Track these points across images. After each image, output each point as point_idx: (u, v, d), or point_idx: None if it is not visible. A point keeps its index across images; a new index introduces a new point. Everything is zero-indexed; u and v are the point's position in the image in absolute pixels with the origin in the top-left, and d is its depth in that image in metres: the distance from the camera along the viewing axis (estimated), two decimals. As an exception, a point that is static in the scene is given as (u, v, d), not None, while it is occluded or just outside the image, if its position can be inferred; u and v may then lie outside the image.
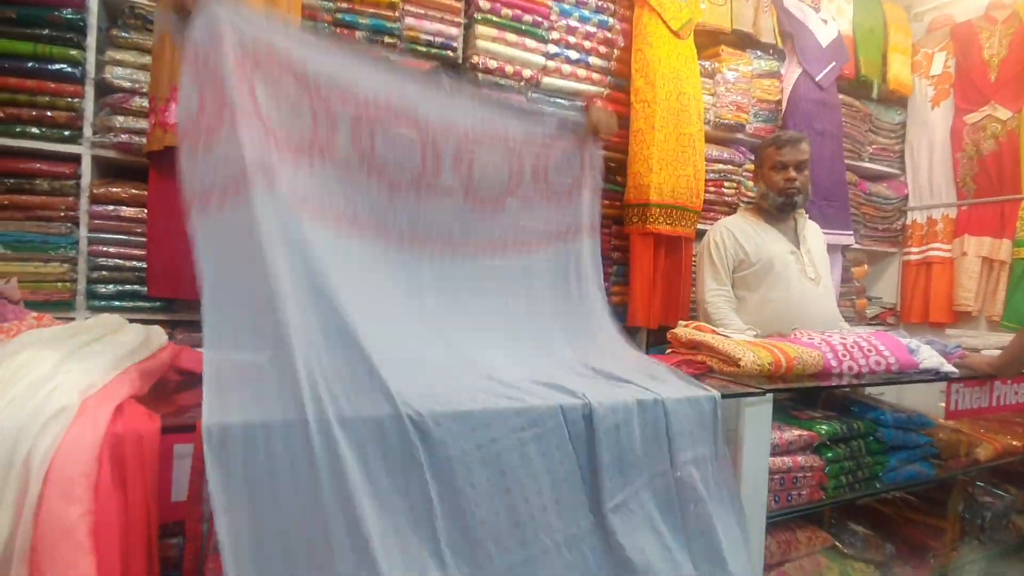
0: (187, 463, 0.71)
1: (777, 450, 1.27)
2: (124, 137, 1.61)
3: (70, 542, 0.61)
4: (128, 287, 1.64)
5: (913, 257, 3.27)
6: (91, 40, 1.60)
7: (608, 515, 0.90)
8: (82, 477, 0.63)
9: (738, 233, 1.96)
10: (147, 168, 1.60)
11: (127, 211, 1.63)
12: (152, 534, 0.69)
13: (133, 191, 1.64)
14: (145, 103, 1.61)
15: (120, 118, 1.62)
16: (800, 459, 1.31)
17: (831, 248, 2.78)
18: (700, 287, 2.01)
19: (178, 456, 0.73)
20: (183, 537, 0.72)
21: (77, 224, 1.61)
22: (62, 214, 1.60)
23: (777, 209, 1.97)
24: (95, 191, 1.61)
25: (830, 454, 1.36)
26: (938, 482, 1.62)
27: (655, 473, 0.98)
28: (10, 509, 0.60)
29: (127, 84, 1.62)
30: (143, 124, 1.61)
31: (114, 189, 1.63)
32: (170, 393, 0.89)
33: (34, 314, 1.03)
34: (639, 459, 0.96)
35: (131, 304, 1.64)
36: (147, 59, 1.63)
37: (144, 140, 1.59)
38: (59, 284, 1.58)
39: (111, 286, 1.63)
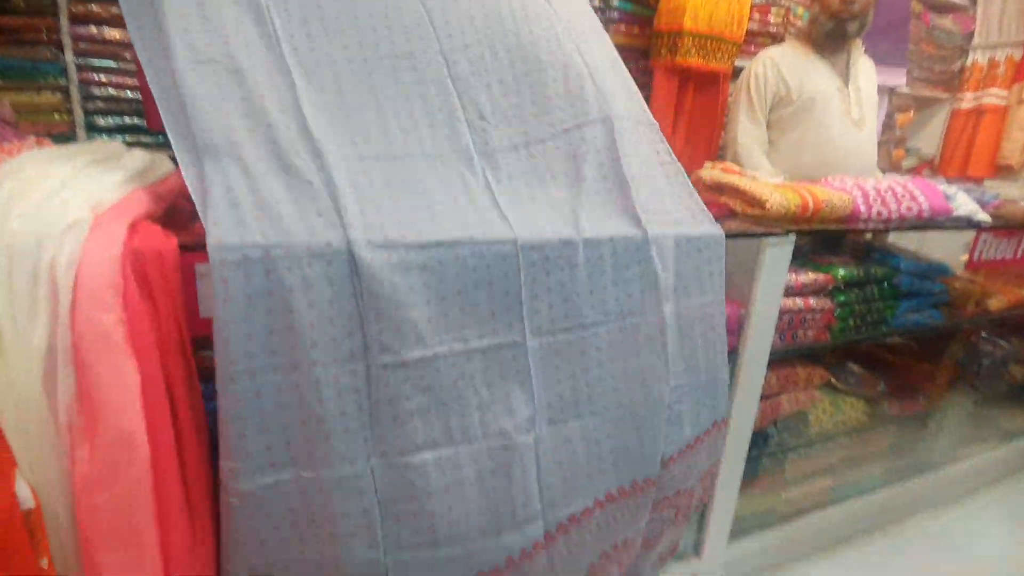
0: (210, 282, 0.72)
1: (790, 291, 1.28)
2: (93, -59, 1.43)
3: (109, 345, 0.64)
4: (127, 120, 1.58)
5: (965, 104, 3.01)
6: None
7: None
8: (109, 288, 0.64)
9: (783, 65, 1.77)
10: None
11: (111, 32, 1.50)
12: (186, 345, 0.73)
13: (115, 10, 1.50)
14: None
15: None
16: (812, 301, 1.32)
17: (878, 91, 2.55)
18: (733, 126, 1.87)
19: (200, 275, 0.74)
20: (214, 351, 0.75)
21: (61, 49, 1.50)
22: (44, 36, 1.48)
23: (829, 37, 1.76)
24: (73, 9, 1.47)
25: (842, 297, 1.37)
26: (943, 330, 1.66)
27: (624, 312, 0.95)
28: (45, 314, 0.63)
29: None
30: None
31: (94, 7, 1.48)
32: (184, 219, 0.88)
33: (34, 136, 0.99)
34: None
35: (132, 139, 1.59)
36: None
37: (115, -55, 1.41)
38: (56, 116, 1.52)
39: (110, 118, 1.56)
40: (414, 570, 0.82)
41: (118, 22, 1.50)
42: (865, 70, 1.86)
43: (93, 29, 1.50)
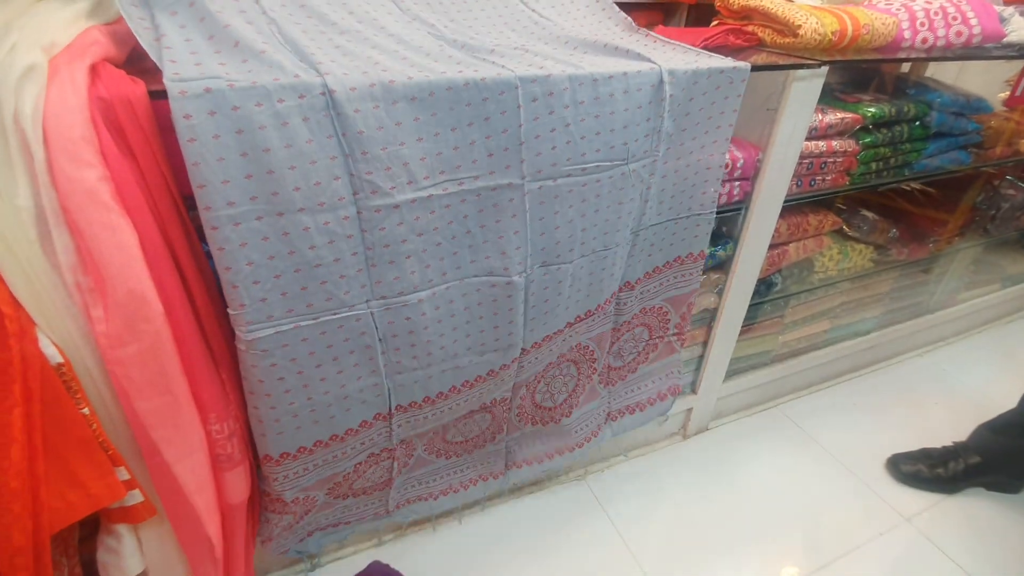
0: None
1: (814, 134, 1.20)
2: None
3: (97, 204, 0.61)
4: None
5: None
6: None
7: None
8: (83, 141, 0.60)
9: None
10: None
11: None
12: (178, 201, 0.70)
13: None
14: None
15: None
16: (835, 144, 1.24)
17: None
18: None
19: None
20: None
21: None
22: None
23: None
24: None
25: (868, 139, 1.28)
26: (967, 173, 1.58)
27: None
28: (24, 172, 0.59)
29: None
30: None
31: None
32: (150, 66, 0.80)
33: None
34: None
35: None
36: None
37: None
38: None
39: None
40: (410, 386, 0.92)
41: None
42: None
43: None
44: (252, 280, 0.72)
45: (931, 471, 1.42)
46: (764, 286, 1.43)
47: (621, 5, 1.34)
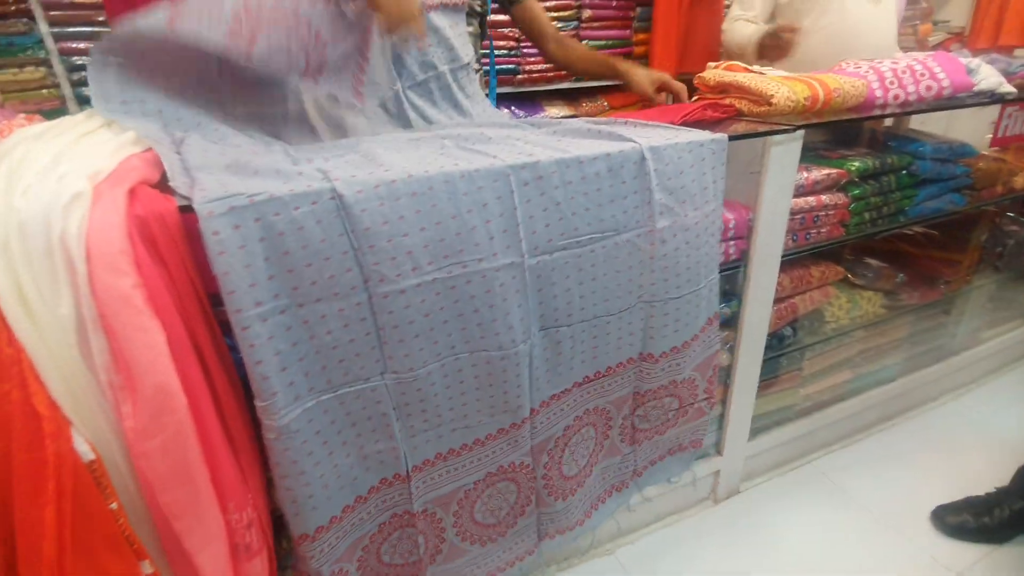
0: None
1: (801, 190, 1.25)
2: None
3: (131, 308, 0.67)
4: (115, 85, 1.55)
5: (1000, -39, 2.74)
6: None
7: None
8: (121, 254, 0.67)
9: None
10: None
11: (80, -7, 1.45)
12: (204, 301, 0.76)
13: (78, -32, 1.44)
14: None
15: None
16: (824, 198, 1.29)
17: (900, -42, 2.33)
18: (736, 27, 1.73)
19: (205, 233, 0.76)
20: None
21: (33, 19, 1.46)
22: (12, 8, 1.44)
23: None
24: (36, -28, 1.42)
25: (857, 191, 1.33)
26: (965, 215, 1.61)
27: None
28: (67, 284, 0.66)
29: None
30: None
31: (56, -32, 1.43)
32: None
33: (23, 114, 0.99)
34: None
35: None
36: None
37: None
38: (44, 91, 1.51)
39: (98, 85, 1.54)
40: (423, 447, 0.96)
41: (84, -18, 1.45)
42: None
43: (60, -8, 1.45)
44: (280, 368, 0.77)
45: (977, 520, 1.34)
46: (776, 340, 1.43)
47: (610, 86, 1.46)
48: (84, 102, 1.55)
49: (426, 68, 1.19)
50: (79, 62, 1.52)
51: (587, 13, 2.00)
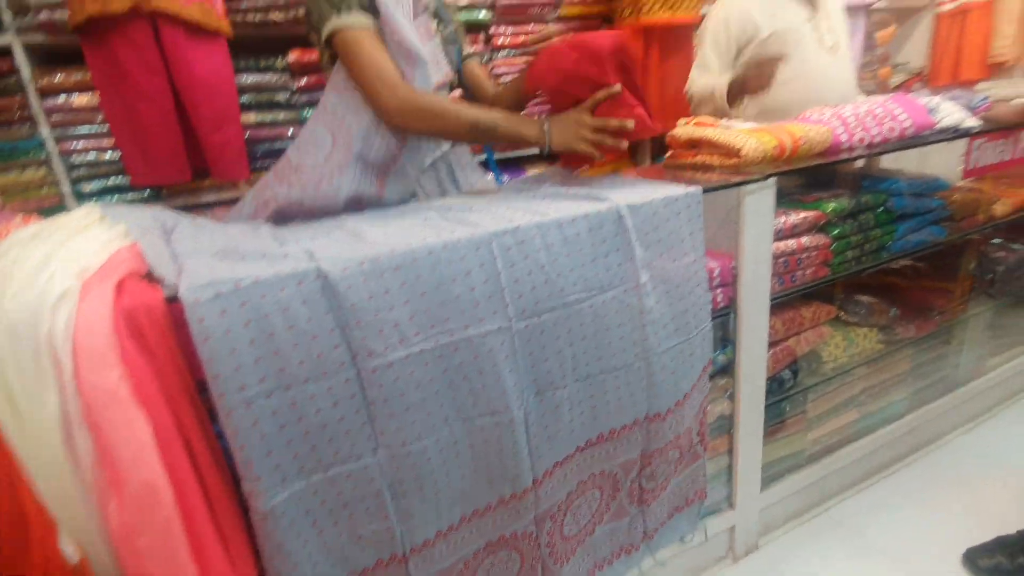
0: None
1: (781, 234, 1.27)
2: (45, 15, 1.45)
3: (116, 402, 0.67)
4: (112, 181, 1.61)
5: (948, 6, 2.91)
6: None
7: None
8: (107, 349, 0.67)
9: (748, 4, 1.71)
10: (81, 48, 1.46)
11: (80, 99, 1.53)
12: (192, 389, 0.76)
13: (77, 76, 1.52)
14: (53, -32, 1.42)
15: (33, -9, 1.44)
16: (805, 240, 1.31)
17: (854, 10, 2.48)
18: (701, 77, 1.78)
19: (193, 320, 0.77)
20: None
21: (35, 123, 1.54)
22: (17, 115, 1.52)
23: None
24: (39, 83, 1.50)
25: (836, 231, 1.35)
26: (951, 245, 1.63)
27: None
28: (53, 384, 0.66)
29: (22, -54, 1.41)
30: (60, -7, 1.44)
31: (57, 78, 1.51)
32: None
33: (21, 215, 1.03)
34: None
35: (120, 198, 1.62)
36: (33, -92, 1.39)
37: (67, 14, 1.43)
38: (43, 190, 1.56)
39: (95, 183, 1.60)
40: (421, 527, 0.91)
41: (84, 87, 1.54)
42: None
43: (62, 99, 1.53)
44: (265, 452, 0.76)
45: (1012, 562, 1.28)
46: (776, 384, 1.42)
47: None
48: (82, 197, 1.61)
49: (432, 152, 1.25)
50: (77, 161, 1.59)
51: (562, 81, 2.10)
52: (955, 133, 1.47)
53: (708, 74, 1.76)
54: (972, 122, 1.49)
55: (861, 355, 1.56)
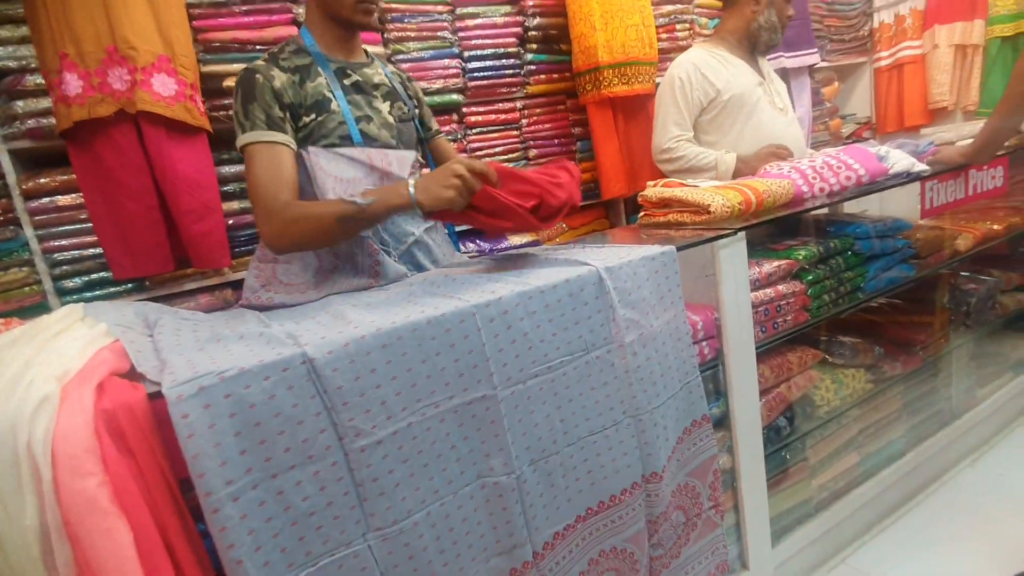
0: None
1: (758, 284, 1.31)
2: (32, 123, 1.51)
3: (96, 510, 0.64)
4: (95, 276, 1.62)
5: (884, 62, 3.15)
6: (-45, 22, 1.45)
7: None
8: (87, 453, 0.65)
9: (705, 68, 1.82)
10: (67, 150, 1.51)
11: (64, 199, 1.56)
12: (175, 489, 0.74)
13: (61, 178, 1.56)
14: (39, 80, 1.48)
15: (20, 103, 1.50)
16: (781, 288, 1.35)
17: (798, 71, 2.67)
18: (659, 134, 1.86)
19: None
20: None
21: (19, 225, 1.55)
22: (1, 218, 1.54)
23: (762, 43, 1.86)
24: (24, 187, 1.53)
25: (810, 276, 1.39)
26: (919, 280, 1.68)
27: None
28: (32, 494, 0.64)
29: (13, 64, 1.49)
30: (46, 103, 1.50)
31: (42, 180, 1.55)
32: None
33: (1, 320, 1.02)
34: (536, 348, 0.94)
35: (102, 292, 1.62)
36: (25, 30, 1.48)
37: (54, 121, 1.49)
38: (26, 289, 1.56)
39: (77, 279, 1.60)
40: None
41: (69, 188, 1.57)
42: (765, 63, 1.98)
43: (46, 200, 1.56)
44: (254, 548, 0.72)
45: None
46: (773, 432, 1.41)
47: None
48: (64, 294, 1.61)
49: (406, 236, 1.27)
50: (60, 258, 1.59)
51: (533, 152, 2.21)
52: (907, 178, 1.56)
53: (685, 133, 1.84)
54: (921, 166, 1.58)
55: (853, 396, 1.56)
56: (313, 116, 1.15)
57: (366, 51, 1.33)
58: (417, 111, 1.38)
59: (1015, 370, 2.04)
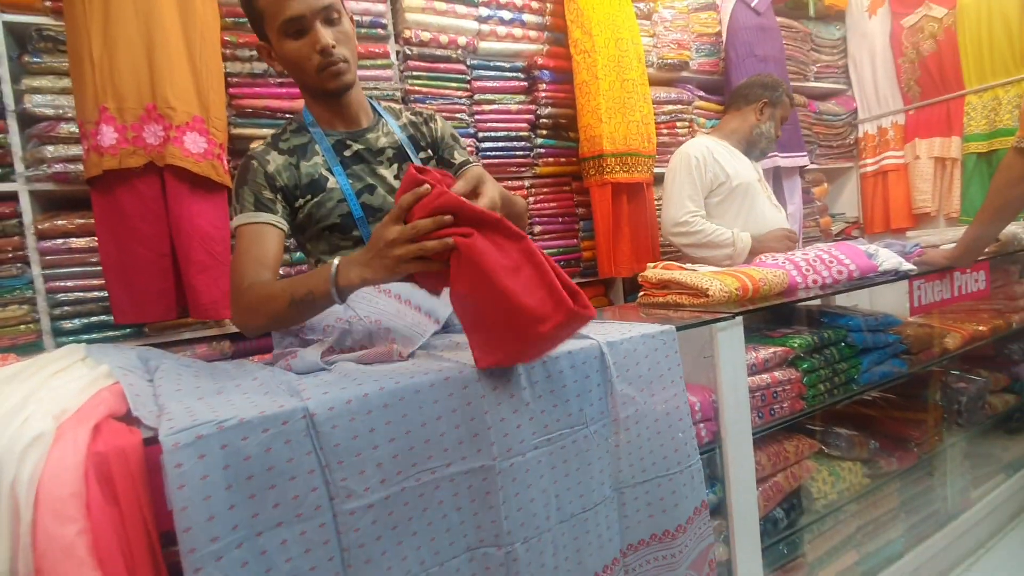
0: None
1: (754, 369, 1.32)
2: (59, 167, 1.57)
3: (71, 560, 0.61)
4: (95, 319, 1.62)
5: (869, 168, 3.35)
6: (3, 71, 1.54)
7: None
8: (72, 497, 0.63)
9: (716, 153, 1.96)
10: (88, 195, 1.56)
11: (77, 242, 1.60)
12: (154, 543, 0.70)
13: (79, 221, 1.60)
14: (73, 128, 1.56)
15: (50, 148, 1.57)
16: (778, 374, 1.36)
17: (789, 171, 2.84)
18: (675, 207, 1.93)
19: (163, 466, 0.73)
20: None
21: (28, 263, 1.57)
22: (11, 255, 1.56)
23: (759, 148, 2.04)
24: (40, 227, 1.57)
25: (806, 365, 1.41)
26: (912, 376, 1.70)
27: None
28: (7, 536, 0.61)
29: (50, 111, 1.57)
30: (76, 151, 1.57)
31: (59, 222, 1.59)
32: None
33: (-2, 356, 1.02)
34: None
35: (100, 335, 1.62)
36: (66, 82, 1.57)
37: (80, 167, 1.55)
38: (22, 327, 1.55)
39: (76, 320, 1.60)
40: None
41: (84, 231, 1.60)
42: (758, 166, 2.14)
43: (59, 241, 1.59)
44: None
45: None
46: (770, 524, 1.37)
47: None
48: (61, 334, 1.59)
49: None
50: (63, 298, 1.60)
51: (538, 228, 2.29)
52: (896, 275, 1.62)
53: (699, 209, 1.94)
54: (908, 266, 1.64)
55: (850, 491, 1.53)
56: (308, 197, 1.16)
57: (375, 109, 1.29)
58: (435, 155, 1.32)
59: (1007, 471, 2.01)
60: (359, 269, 0.86)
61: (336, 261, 0.90)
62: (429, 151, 1.31)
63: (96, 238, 1.57)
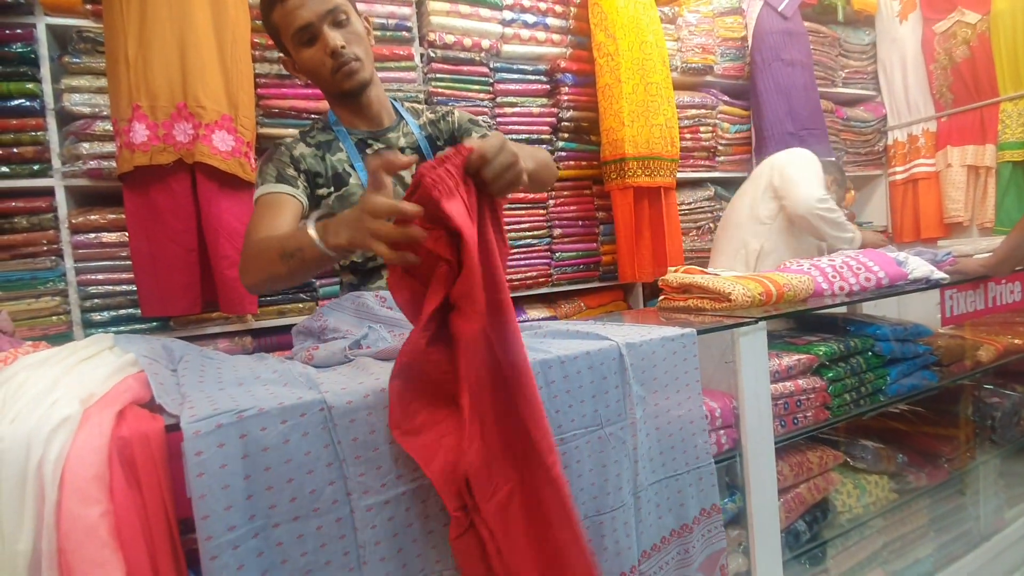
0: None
1: (777, 376, 1.29)
2: (93, 163, 1.62)
3: (94, 541, 0.63)
4: (123, 311, 1.66)
5: (899, 176, 3.27)
6: (45, 71, 1.60)
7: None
8: (95, 480, 0.65)
9: None
10: (120, 191, 1.60)
11: (108, 236, 1.64)
12: (174, 529, 0.71)
13: (111, 216, 1.65)
14: (108, 126, 1.61)
15: (86, 145, 1.62)
16: (801, 382, 1.33)
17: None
18: (813, 186, 2.05)
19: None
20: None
21: (61, 256, 1.62)
22: (45, 248, 1.61)
23: None
24: (74, 221, 1.62)
25: (831, 374, 1.38)
26: (942, 389, 1.65)
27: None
28: (32, 515, 0.62)
29: (87, 110, 1.62)
30: (110, 148, 1.61)
31: (92, 217, 1.64)
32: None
33: (29, 343, 1.04)
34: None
35: (127, 328, 1.66)
36: (103, 82, 1.62)
37: (113, 164, 1.60)
38: (53, 318, 1.60)
39: (105, 313, 1.65)
40: None
41: (115, 226, 1.65)
42: None
43: (92, 235, 1.64)
44: None
45: None
46: (792, 537, 1.33)
47: (586, 289, 1.53)
48: (90, 326, 1.63)
49: None
50: (93, 291, 1.64)
51: (557, 231, 2.28)
52: (928, 284, 1.57)
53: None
54: (940, 274, 1.60)
55: (876, 505, 1.48)
56: (332, 189, 1.19)
57: (397, 109, 1.31)
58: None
59: (1046, 494, 1.93)
60: (341, 228, 0.82)
61: (316, 215, 0.93)
62: (448, 147, 1.33)
63: (127, 233, 1.61)
